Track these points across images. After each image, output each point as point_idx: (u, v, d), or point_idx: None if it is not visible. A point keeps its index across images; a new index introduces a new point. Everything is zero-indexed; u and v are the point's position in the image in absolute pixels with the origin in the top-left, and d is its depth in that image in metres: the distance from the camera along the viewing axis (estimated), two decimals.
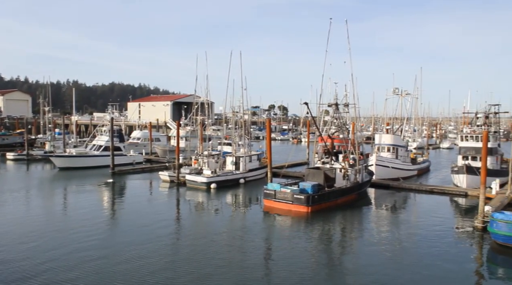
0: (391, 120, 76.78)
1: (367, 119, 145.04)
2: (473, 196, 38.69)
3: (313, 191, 33.77)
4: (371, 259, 22.82)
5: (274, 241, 26.53)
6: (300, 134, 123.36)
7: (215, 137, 71.64)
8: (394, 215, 34.80)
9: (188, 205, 37.49)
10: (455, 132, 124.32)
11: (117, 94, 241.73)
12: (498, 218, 25.01)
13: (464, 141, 49.29)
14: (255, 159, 49.88)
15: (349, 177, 38.34)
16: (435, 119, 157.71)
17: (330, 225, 30.22)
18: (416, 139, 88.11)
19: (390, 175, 48.45)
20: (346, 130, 43.57)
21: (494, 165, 46.40)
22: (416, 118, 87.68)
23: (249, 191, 42.93)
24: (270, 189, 35.10)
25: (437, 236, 27.35)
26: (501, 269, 23.24)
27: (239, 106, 52.76)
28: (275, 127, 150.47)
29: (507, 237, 24.51)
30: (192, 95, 72.82)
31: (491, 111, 53.96)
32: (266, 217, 32.51)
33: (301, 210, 32.94)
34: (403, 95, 63.60)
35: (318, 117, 54.46)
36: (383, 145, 53.37)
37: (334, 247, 25.85)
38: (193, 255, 22.71)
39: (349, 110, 43.77)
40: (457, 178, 45.02)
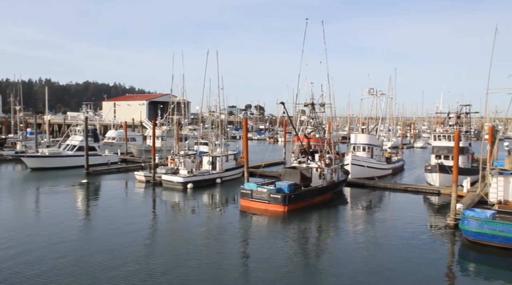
0: (367, 120, 77.70)
1: (343, 119, 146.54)
2: (446, 194, 39.47)
3: (290, 191, 33.89)
4: (347, 257, 23.05)
5: (251, 241, 26.51)
6: (277, 134, 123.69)
7: (192, 137, 71.23)
8: (370, 214, 35.22)
9: (164, 206, 37.16)
10: (429, 131, 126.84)
11: (91, 93, 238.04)
12: (469, 216, 25.59)
13: (437, 140, 50.29)
14: (232, 158, 49.78)
15: (325, 177, 38.62)
16: (409, 119, 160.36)
17: (306, 224, 30.38)
18: (391, 139, 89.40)
19: (365, 174, 49.03)
20: (322, 130, 43.91)
21: (466, 164, 47.47)
22: (391, 118, 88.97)
23: (225, 191, 42.81)
24: (246, 189, 35.07)
25: (411, 233, 27.80)
26: (472, 264, 23.82)
27: (216, 105, 52.58)
28: (251, 126, 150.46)
29: (477, 233, 25.11)
30: (168, 95, 72.24)
31: (462, 111, 55.21)
32: (242, 217, 32.47)
33: (278, 210, 33.01)
34: (378, 95, 64.46)
35: (295, 116, 54.82)
36: (358, 144, 53.94)
37: (310, 246, 25.97)
38: (169, 256, 22.50)
39: (325, 110, 44.12)
40: (430, 177, 45.88)
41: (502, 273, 22.27)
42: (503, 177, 30.33)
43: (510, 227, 24.23)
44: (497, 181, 30.44)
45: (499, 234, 24.35)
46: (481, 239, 25.06)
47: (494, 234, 24.50)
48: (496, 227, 24.50)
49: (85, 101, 79.97)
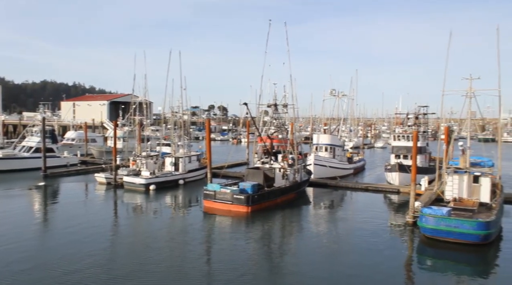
0: (329, 121, 78.89)
1: (306, 120, 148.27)
2: (405, 192, 40.52)
3: (253, 191, 33.95)
4: (310, 257, 23.28)
5: (214, 243, 26.40)
6: (240, 135, 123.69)
7: (154, 138, 70.22)
8: (332, 213, 35.76)
9: (125, 208, 36.46)
10: (388, 132, 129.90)
11: (49, 92, 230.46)
12: (427, 213, 26.41)
13: (396, 140, 51.64)
14: (195, 159, 49.43)
15: (288, 177, 38.93)
16: (370, 120, 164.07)
17: (270, 225, 30.52)
18: (352, 139, 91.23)
19: (327, 174, 49.72)
20: (285, 131, 44.21)
21: (423, 163, 48.95)
22: (352, 118, 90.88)
23: (188, 192, 42.47)
24: (210, 190, 34.89)
25: (372, 232, 28.40)
26: (430, 260, 24.52)
27: (178, 106, 52.10)
28: (214, 127, 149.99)
29: (434, 230, 25.95)
30: (130, 95, 71.11)
31: (420, 112, 56.90)
32: (206, 218, 32.28)
33: (241, 210, 33.02)
34: (339, 96, 65.52)
35: (258, 117, 54.91)
36: (320, 145, 54.64)
37: (274, 247, 26.10)
38: (130, 260, 22.08)
39: (288, 111, 44.46)
40: (390, 176, 47.04)
41: (457, 267, 23.14)
42: (457, 176, 31.46)
43: (464, 223, 25.17)
44: (452, 179, 31.55)
45: (454, 230, 25.25)
46: (438, 235, 25.90)
47: (449, 230, 25.38)
48: (452, 224, 25.39)
49: (43, 100, 77.56)
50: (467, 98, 32.81)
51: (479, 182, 31.31)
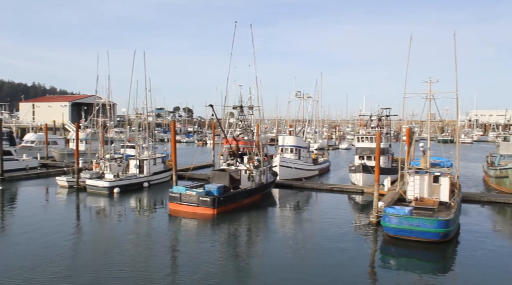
0: (294, 122, 79.58)
1: (271, 121, 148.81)
2: (368, 193, 41.33)
3: (219, 193, 33.85)
4: (276, 258, 23.36)
5: (180, 246, 26.13)
6: (206, 136, 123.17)
7: (118, 140, 69.02)
8: (298, 214, 36.06)
9: (88, 212, 35.58)
10: (352, 133, 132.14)
11: (6, 93, 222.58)
12: (389, 213, 27.02)
13: (360, 142, 52.60)
14: (160, 162, 48.85)
15: (254, 178, 39.02)
16: (334, 121, 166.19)
17: (236, 227, 30.48)
18: (317, 141, 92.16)
19: (293, 175, 50.12)
20: (251, 132, 44.34)
21: (386, 164, 50.06)
22: (317, 120, 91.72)
23: (154, 195, 41.91)
24: (175, 192, 34.56)
25: (337, 232, 28.79)
26: (393, 258, 25.07)
27: (143, 107, 51.39)
28: (180, 129, 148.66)
29: (397, 229, 26.58)
30: (93, 96, 69.41)
31: (383, 114, 58.28)
32: (171, 221, 31.94)
33: (207, 213, 32.84)
34: (304, 98, 66.19)
35: (223, 119, 54.83)
36: (286, 146, 55.02)
37: (240, 249, 26.06)
38: (93, 266, 21.49)
39: (253, 113, 44.60)
40: (354, 177, 47.87)
41: (419, 264, 23.73)
42: (418, 176, 32.35)
43: (425, 221, 25.90)
44: (413, 179, 32.42)
45: (416, 229, 25.95)
46: (401, 234, 26.54)
47: (411, 229, 26.06)
48: (413, 222, 26.08)
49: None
50: (427, 100, 33.81)
51: (438, 182, 32.31)
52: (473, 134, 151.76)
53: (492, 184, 48.86)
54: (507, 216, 36.23)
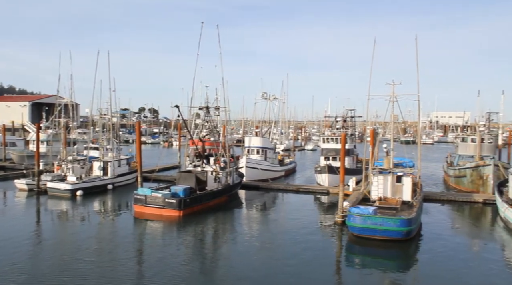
0: (260, 123, 79.87)
1: (238, 122, 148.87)
2: (334, 193, 41.87)
3: (185, 195, 33.58)
4: (243, 259, 23.37)
5: (145, 250, 25.69)
6: (171, 138, 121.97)
7: (81, 141, 67.38)
8: (264, 215, 36.17)
9: (49, 216, 34.53)
10: (318, 134, 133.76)
11: None
12: (354, 212, 27.49)
13: (325, 143, 53.26)
14: (124, 163, 48.03)
15: (220, 180, 38.90)
16: (300, 123, 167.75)
17: (202, 229, 30.29)
18: (283, 142, 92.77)
19: (259, 176, 50.23)
20: (217, 133, 44.20)
21: (351, 165, 50.89)
22: (283, 121, 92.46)
23: (118, 197, 41.13)
24: (140, 194, 34.03)
25: (304, 232, 29.04)
26: (357, 257, 25.58)
27: (107, 108, 50.37)
28: (145, 130, 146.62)
29: (361, 228, 27.07)
30: (55, 96, 67.46)
31: (348, 116, 59.18)
32: (136, 223, 31.43)
33: (173, 214, 32.51)
34: (271, 99, 66.59)
35: (189, 120, 54.43)
36: (252, 147, 55.12)
37: (207, 252, 25.88)
38: (54, 272, 20.81)
39: (219, 114, 44.47)
40: (320, 177, 48.43)
41: (383, 262, 24.30)
42: (382, 176, 33.07)
43: (389, 220, 26.49)
44: (377, 179, 33.10)
45: (380, 228, 26.50)
46: (365, 233, 27.03)
47: (375, 228, 26.59)
48: (377, 222, 26.63)
49: None
50: (390, 102, 34.62)
51: (401, 181, 33.11)
52: (433, 135, 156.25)
53: (451, 184, 50.48)
54: (465, 214, 37.51)
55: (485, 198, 39.71)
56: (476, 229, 32.71)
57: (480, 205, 39.21)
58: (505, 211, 31.50)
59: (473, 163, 46.56)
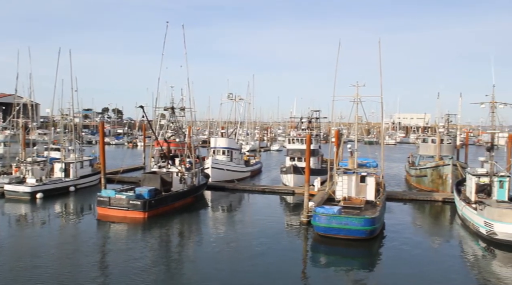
0: (226, 124, 79.74)
1: (203, 123, 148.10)
2: (299, 193, 42.23)
3: (150, 196, 33.12)
4: (209, 262, 23.20)
5: (109, 252, 25.19)
6: (136, 138, 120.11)
7: (41, 142, 65.33)
8: (230, 216, 36.10)
9: (7, 220, 33.22)
10: (284, 135, 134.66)
11: None
12: (319, 212, 27.79)
13: (291, 143, 53.66)
14: (87, 164, 46.92)
15: (186, 181, 38.59)
16: (266, 123, 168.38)
17: (167, 231, 29.94)
18: (249, 142, 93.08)
19: (225, 177, 50.11)
20: (183, 134, 43.82)
21: (316, 165, 51.45)
22: (249, 122, 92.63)
23: (81, 199, 40.11)
24: (104, 196, 33.31)
25: (270, 232, 29.14)
26: (322, 256, 25.97)
27: (69, 108, 49.04)
28: (109, 131, 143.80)
29: (326, 228, 27.40)
30: (13, 95, 65.20)
31: (313, 117, 59.82)
32: (100, 226, 30.74)
33: (138, 216, 31.99)
34: (236, 100, 66.55)
35: (154, 120, 53.75)
36: (218, 148, 54.97)
37: (172, 255, 25.52)
38: (14, 277, 20.14)
39: (185, 114, 44.10)
40: (285, 178, 48.75)
41: (347, 261, 24.75)
42: (346, 176, 33.57)
43: (353, 220, 26.94)
44: (342, 179, 33.58)
45: (344, 227, 26.90)
46: (330, 233, 27.37)
47: (340, 227, 26.97)
48: (342, 221, 27.02)
49: None
50: (354, 103, 35.23)
51: (365, 181, 33.72)
52: (396, 136, 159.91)
53: (413, 183, 51.84)
54: (426, 212, 38.63)
55: (445, 197, 41.01)
56: (436, 227, 33.74)
57: (439, 204, 40.47)
58: (462, 209, 32.60)
59: (433, 163, 47.97)
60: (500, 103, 34.33)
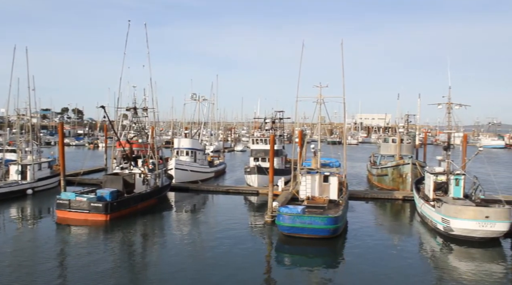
0: (190, 125, 79.11)
1: (167, 124, 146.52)
2: (263, 193, 42.35)
3: (112, 198, 32.46)
4: (173, 266, 22.85)
5: (69, 257, 24.39)
6: (97, 139, 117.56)
7: None
8: (194, 217, 35.82)
9: None
10: (248, 136, 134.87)
11: None
12: (283, 212, 27.97)
13: (255, 144, 53.84)
14: (46, 166, 45.48)
15: (149, 182, 38.04)
16: (230, 124, 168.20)
17: (130, 233, 29.38)
18: (213, 143, 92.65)
19: (189, 178, 49.73)
20: (145, 135, 43.19)
21: (280, 165, 51.80)
22: (213, 122, 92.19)
23: (39, 203, 38.83)
24: (63, 199, 32.38)
25: (234, 233, 29.12)
26: (287, 256, 26.07)
27: (26, 108, 47.39)
28: (69, 131, 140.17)
29: (290, 227, 27.62)
30: None
31: (277, 117, 60.25)
32: (59, 230, 29.84)
33: (99, 219, 31.28)
34: (200, 100, 66.18)
35: (116, 121, 52.74)
36: (182, 149, 54.52)
37: (135, 259, 25.02)
38: None
39: (148, 115, 43.50)
40: (249, 178, 48.84)
41: (312, 260, 24.99)
42: (310, 176, 33.95)
43: (316, 219, 27.26)
44: (305, 179, 33.94)
45: (308, 226, 27.18)
46: (294, 232, 27.60)
47: (304, 226, 27.24)
48: (306, 220, 27.30)
49: None
50: (317, 104, 35.69)
51: (328, 181, 34.21)
52: (358, 136, 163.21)
53: (374, 182, 53.01)
54: (387, 210, 39.55)
55: (404, 195, 42.15)
56: (397, 225, 34.61)
57: (400, 202, 41.55)
58: (421, 207, 33.58)
59: (393, 163, 49.22)
60: (456, 104, 35.56)
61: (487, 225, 26.78)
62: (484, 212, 27.09)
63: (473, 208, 27.91)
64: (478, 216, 26.97)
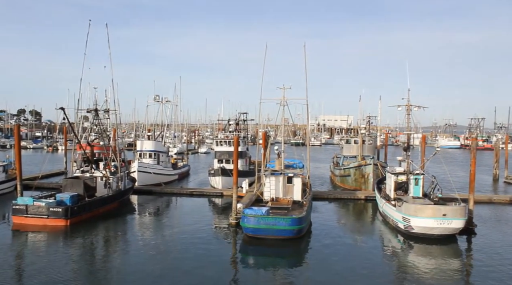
0: (153, 127, 78.15)
1: (129, 126, 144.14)
2: (228, 195, 42.27)
3: (72, 202, 31.61)
4: (136, 270, 22.41)
5: (26, 265, 23.44)
6: (56, 142, 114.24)
7: None
8: (158, 220, 35.33)
9: None
10: (211, 137, 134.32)
11: None
12: (248, 213, 28.02)
13: (219, 146, 53.74)
14: (0, 170, 43.84)
15: (111, 185, 37.27)
16: (194, 126, 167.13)
17: (92, 239, 28.63)
18: (177, 145, 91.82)
19: (152, 180, 49.07)
20: (107, 137, 42.33)
21: (244, 167, 51.86)
22: (176, 124, 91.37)
23: None
24: (20, 204, 31.23)
25: (199, 235, 28.91)
26: (251, 257, 26.20)
27: None
28: (26, 134, 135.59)
29: (255, 229, 27.68)
30: None
31: (240, 119, 60.30)
32: (15, 237, 28.71)
33: (59, 224, 30.37)
34: (163, 102, 65.49)
35: (77, 123, 51.48)
36: (144, 151, 53.75)
37: (97, 265, 24.19)
38: None
39: (109, 116, 42.65)
40: (213, 180, 48.64)
41: (276, 260, 25.07)
42: (274, 177, 34.11)
43: (281, 220, 27.42)
44: (269, 181, 34.08)
45: (273, 227, 27.31)
46: (259, 233, 27.67)
47: (268, 228, 27.36)
48: (270, 222, 27.42)
49: None
50: (281, 106, 35.92)
51: (292, 182, 34.47)
52: (321, 137, 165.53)
53: (337, 182, 53.85)
54: (350, 210, 40.25)
55: (367, 195, 43.03)
56: (359, 224, 35.26)
57: (362, 202, 42.38)
58: (383, 206, 34.35)
59: (356, 163, 50.14)
60: (415, 106, 36.61)
61: (444, 223, 27.73)
62: (442, 210, 28.05)
63: (431, 207, 28.82)
64: (436, 214, 27.89)
